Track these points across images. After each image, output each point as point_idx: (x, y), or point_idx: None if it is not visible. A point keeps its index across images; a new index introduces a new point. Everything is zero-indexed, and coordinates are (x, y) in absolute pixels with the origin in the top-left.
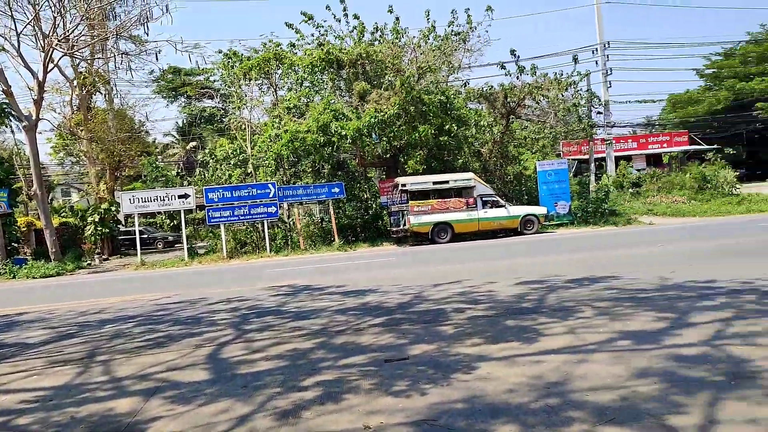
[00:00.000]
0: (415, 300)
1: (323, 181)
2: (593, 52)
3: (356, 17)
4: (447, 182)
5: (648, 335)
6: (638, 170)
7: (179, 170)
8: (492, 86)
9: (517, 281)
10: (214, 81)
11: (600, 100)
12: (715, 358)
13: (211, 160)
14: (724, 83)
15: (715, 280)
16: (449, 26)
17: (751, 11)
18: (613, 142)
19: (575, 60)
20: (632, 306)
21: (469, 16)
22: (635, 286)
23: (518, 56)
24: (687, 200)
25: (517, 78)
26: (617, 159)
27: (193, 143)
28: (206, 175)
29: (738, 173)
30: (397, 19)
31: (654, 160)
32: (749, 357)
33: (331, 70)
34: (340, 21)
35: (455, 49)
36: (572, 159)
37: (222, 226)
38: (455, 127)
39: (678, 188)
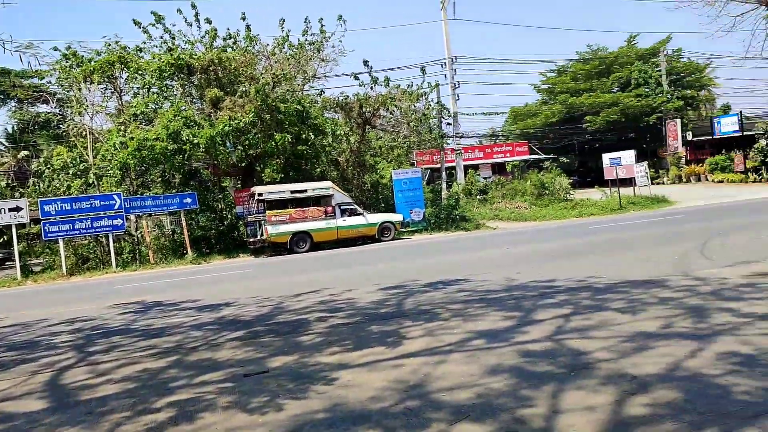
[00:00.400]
0: (274, 311)
1: (174, 191)
2: (442, 66)
3: (208, 22)
4: (305, 191)
5: (498, 334)
6: (485, 178)
7: (9, 181)
8: (348, 96)
9: (377, 287)
10: (50, 84)
11: (449, 112)
12: (557, 352)
13: (46, 170)
14: (558, 98)
15: (554, 279)
16: (303, 35)
17: (580, 32)
18: (462, 151)
19: (423, 71)
20: (483, 307)
21: (322, 25)
22: (485, 288)
23: (371, 67)
24: (528, 206)
25: (371, 88)
26: (466, 168)
27: (26, 152)
28: (41, 186)
29: (571, 180)
30: (249, 26)
31: (499, 168)
32: (586, 349)
33: (182, 75)
34: (191, 25)
35: (310, 59)
36: (425, 168)
37: (61, 241)
38: (312, 136)
39: (520, 195)
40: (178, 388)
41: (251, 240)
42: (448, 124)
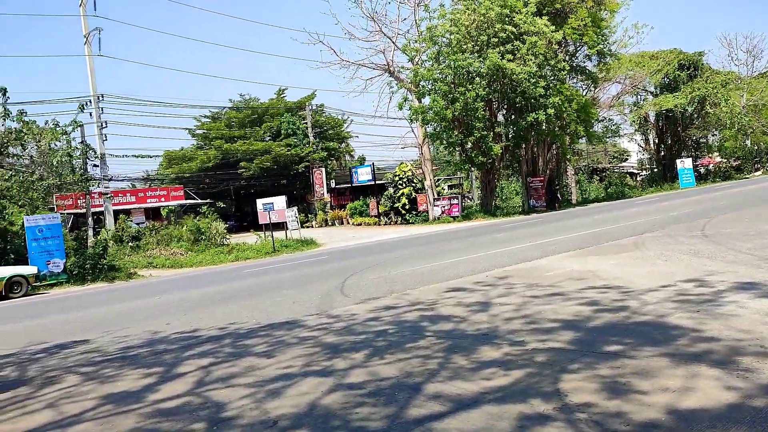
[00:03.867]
0: None
1: None
2: (87, 104)
3: None
4: None
5: (134, 394)
6: (138, 224)
7: None
8: None
9: None
10: None
11: (96, 153)
12: (198, 406)
13: None
14: (213, 143)
15: (199, 328)
16: None
17: (234, 81)
18: (112, 195)
19: (82, 108)
20: (121, 366)
21: None
22: (126, 344)
23: (8, 97)
24: (185, 252)
25: (2, 121)
26: (116, 213)
27: None
28: None
29: (228, 225)
30: None
31: (153, 213)
32: (229, 399)
33: None
34: None
35: None
36: (69, 213)
37: None
38: None
39: (176, 240)
40: None
41: None
42: (95, 165)
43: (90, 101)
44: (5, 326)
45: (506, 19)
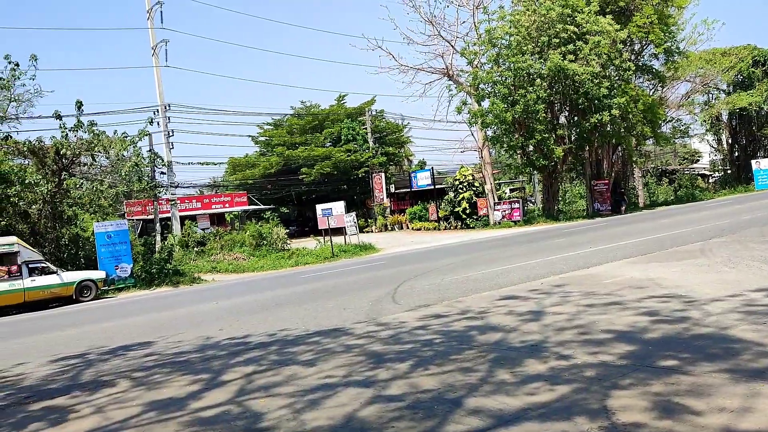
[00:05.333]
0: None
1: None
2: (155, 113)
3: None
4: None
5: (177, 401)
6: (203, 229)
7: None
8: (42, 141)
9: (56, 357)
10: None
11: (163, 161)
12: (234, 416)
13: None
14: (275, 150)
15: (250, 335)
16: None
17: (295, 88)
18: (178, 201)
19: (150, 122)
20: (170, 372)
21: (14, 63)
22: (178, 350)
23: (82, 110)
24: (247, 256)
25: (74, 132)
26: (183, 219)
27: None
28: None
29: (289, 230)
30: None
31: (218, 219)
32: (267, 409)
33: None
34: None
35: None
36: (138, 219)
37: None
38: None
39: (239, 246)
40: None
41: None
42: (162, 173)
43: (157, 111)
44: (73, 330)
45: (568, 19)
